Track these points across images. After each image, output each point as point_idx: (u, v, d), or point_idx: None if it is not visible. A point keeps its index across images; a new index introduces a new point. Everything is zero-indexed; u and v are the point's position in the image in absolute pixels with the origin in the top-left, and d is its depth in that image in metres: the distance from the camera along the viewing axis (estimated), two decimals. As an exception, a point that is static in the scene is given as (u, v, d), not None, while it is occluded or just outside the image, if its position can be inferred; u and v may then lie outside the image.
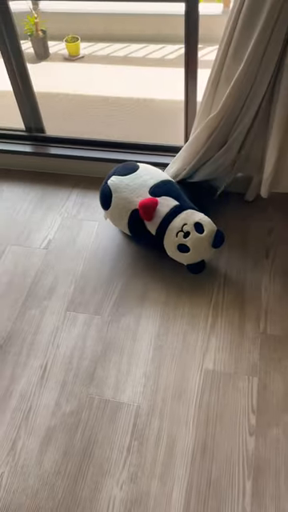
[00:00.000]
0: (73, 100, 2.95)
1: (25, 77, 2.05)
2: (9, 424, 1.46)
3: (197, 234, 1.66)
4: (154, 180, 1.77)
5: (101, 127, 2.68)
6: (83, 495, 1.31)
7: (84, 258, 1.92)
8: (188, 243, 1.67)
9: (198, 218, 1.69)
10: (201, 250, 1.68)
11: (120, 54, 3.39)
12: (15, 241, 2.01)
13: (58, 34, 3.44)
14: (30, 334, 1.69)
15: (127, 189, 1.75)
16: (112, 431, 1.42)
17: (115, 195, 1.77)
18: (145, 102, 2.86)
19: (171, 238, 1.70)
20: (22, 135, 2.28)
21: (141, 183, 1.76)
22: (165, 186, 1.77)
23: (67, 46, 3.34)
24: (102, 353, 1.61)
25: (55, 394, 1.52)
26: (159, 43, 3.43)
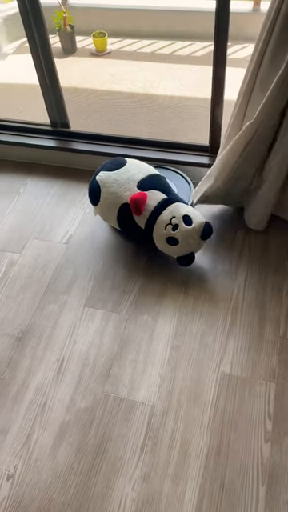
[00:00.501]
0: (98, 96, 2.95)
1: (52, 71, 2.05)
2: (24, 417, 1.47)
3: (185, 227, 1.67)
4: (141, 174, 1.79)
5: (126, 124, 2.68)
6: (95, 492, 1.31)
7: (104, 254, 1.92)
8: (177, 236, 1.68)
9: (185, 210, 1.71)
10: (190, 243, 1.70)
11: (147, 51, 3.37)
12: (37, 235, 2.02)
13: (85, 29, 3.45)
14: (48, 328, 1.70)
15: (115, 184, 1.76)
16: (126, 430, 1.42)
17: (103, 190, 1.79)
18: (171, 100, 2.83)
19: (160, 231, 1.71)
20: (47, 130, 2.29)
21: (128, 178, 1.77)
22: (152, 179, 1.78)
23: (94, 42, 3.34)
24: (118, 350, 1.61)
25: (70, 390, 1.52)
26: (187, 40, 3.40)
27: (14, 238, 2.01)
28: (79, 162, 2.30)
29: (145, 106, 2.82)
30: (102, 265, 1.88)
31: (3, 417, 1.47)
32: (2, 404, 1.50)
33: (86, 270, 1.87)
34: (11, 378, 1.56)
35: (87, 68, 3.25)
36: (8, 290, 1.82)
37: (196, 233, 1.69)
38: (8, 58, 3.47)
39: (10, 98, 2.98)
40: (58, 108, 2.19)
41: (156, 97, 2.88)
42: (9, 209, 2.15)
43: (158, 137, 2.28)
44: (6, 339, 1.67)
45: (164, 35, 3.47)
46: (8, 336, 1.68)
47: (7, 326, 1.71)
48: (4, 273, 1.88)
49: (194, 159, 2.12)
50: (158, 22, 3.52)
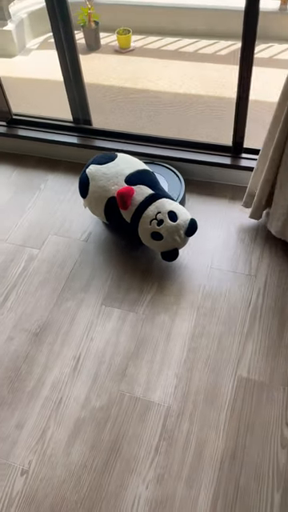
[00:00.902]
0: (120, 93, 2.94)
1: (76, 68, 2.05)
2: (39, 413, 1.47)
3: (170, 222, 1.68)
4: (130, 169, 1.79)
5: (147, 122, 2.67)
6: (109, 491, 1.31)
7: (123, 253, 1.92)
8: (161, 231, 1.69)
9: (171, 206, 1.72)
10: (174, 238, 1.71)
11: (171, 48, 3.35)
12: (56, 231, 2.03)
13: (109, 25, 3.44)
14: (66, 324, 1.70)
15: (104, 177, 1.78)
16: (141, 430, 1.41)
17: (92, 183, 1.80)
18: (193, 98, 2.81)
19: (145, 225, 1.72)
20: (69, 126, 2.29)
21: (117, 172, 1.78)
22: (140, 174, 1.79)
23: (118, 38, 3.33)
24: (135, 350, 1.60)
25: (86, 387, 1.52)
26: (211, 38, 3.36)
27: (34, 234, 2.02)
28: (100, 160, 2.29)
29: (167, 104, 2.80)
30: (121, 264, 1.88)
31: (19, 412, 1.48)
32: (18, 399, 1.51)
33: (104, 268, 1.87)
34: (28, 373, 1.57)
35: (110, 65, 3.24)
36: (26, 285, 1.83)
37: (180, 229, 1.70)
38: (32, 54, 3.48)
39: (33, 93, 2.99)
40: (80, 105, 2.19)
41: (178, 95, 2.86)
42: (29, 204, 2.16)
43: (179, 136, 2.26)
44: (23, 334, 1.68)
45: (188, 33, 3.45)
46: (26, 331, 1.69)
47: (25, 321, 1.72)
48: (23, 268, 1.89)
49: (217, 159, 2.10)
50: (183, 19, 3.50)
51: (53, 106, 2.80)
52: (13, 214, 2.12)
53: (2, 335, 1.68)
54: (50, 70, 3.22)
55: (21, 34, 3.51)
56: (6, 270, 1.89)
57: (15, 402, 1.50)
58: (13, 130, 2.35)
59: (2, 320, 1.72)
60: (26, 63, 3.38)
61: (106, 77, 3.10)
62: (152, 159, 2.15)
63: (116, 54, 3.35)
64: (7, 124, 2.36)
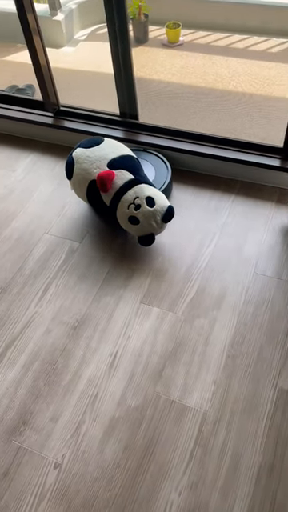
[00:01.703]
0: (166, 87, 2.90)
1: (128, 61, 2.02)
2: (75, 407, 1.47)
3: (147, 208, 1.73)
4: (113, 154, 1.84)
5: (193, 118, 2.62)
6: (140, 493, 1.29)
7: (163, 251, 1.89)
8: (138, 216, 1.74)
9: (150, 192, 1.76)
10: (150, 223, 1.75)
11: (220, 44, 3.28)
12: (97, 225, 2.02)
13: (159, 19, 3.40)
14: (104, 320, 1.69)
15: (87, 160, 1.83)
16: (176, 434, 1.39)
17: (76, 166, 1.85)
18: (242, 96, 2.74)
19: (123, 209, 1.77)
20: (115, 120, 2.27)
21: (101, 156, 1.83)
22: (123, 160, 1.84)
23: (167, 32, 3.28)
24: (172, 351, 1.58)
25: (122, 385, 1.51)
26: (263, 35, 3.27)
27: (75, 227, 2.02)
28: (145, 155, 2.27)
29: (214, 101, 2.74)
30: (161, 262, 1.85)
31: (55, 404, 1.48)
32: (54, 392, 1.51)
33: (143, 265, 1.85)
34: (64, 367, 1.57)
35: (157, 59, 3.20)
36: (66, 278, 1.83)
37: (157, 214, 1.75)
38: (79, 45, 3.48)
39: (79, 84, 2.99)
40: (129, 98, 2.17)
41: (226, 92, 2.80)
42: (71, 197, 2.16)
43: (224, 134, 2.21)
44: (61, 327, 1.68)
45: (239, 29, 3.36)
46: (64, 324, 1.69)
47: (64, 314, 1.72)
48: (64, 261, 1.90)
49: (264, 160, 2.03)
50: (233, 14, 3.42)
51: (97, 99, 2.79)
52: (55, 206, 2.12)
53: (40, 327, 1.68)
54: (97, 62, 3.21)
55: (69, 24, 3.52)
56: (46, 261, 1.90)
57: (51, 395, 1.50)
58: (59, 121, 2.35)
59: (41, 312, 1.73)
60: (73, 54, 3.38)
61: (153, 71, 3.06)
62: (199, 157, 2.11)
63: (164, 48, 3.30)
64: (54, 115, 2.36)
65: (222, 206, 2.03)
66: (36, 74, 2.19)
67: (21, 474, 1.35)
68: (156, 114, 2.67)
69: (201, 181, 2.16)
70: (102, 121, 2.30)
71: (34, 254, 1.93)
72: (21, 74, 3.14)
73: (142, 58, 3.23)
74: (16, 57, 3.37)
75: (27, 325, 1.70)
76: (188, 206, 2.06)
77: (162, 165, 2.11)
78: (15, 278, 1.84)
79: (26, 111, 2.41)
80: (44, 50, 2.12)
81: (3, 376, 1.56)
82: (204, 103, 2.73)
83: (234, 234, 1.92)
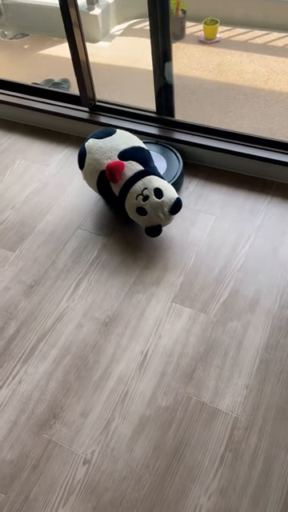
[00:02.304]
0: (202, 85, 2.87)
1: (168, 57, 2.00)
2: (105, 403, 1.47)
3: (155, 199, 1.75)
4: (125, 145, 1.86)
5: (228, 116, 2.58)
6: (169, 495, 1.28)
7: (196, 251, 1.87)
8: (146, 207, 1.76)
9: (158, 184, 1.78)
10: (157, 214, 1.77)
11: (259, 42, 3.22)
12: (130, 221, 2.01)
13: (196, 15, 3.36)
14: (135, 318, 1.68)
15: (99, 151, 1.85)
16: (206, 437, 1.37)
17: (88, 156, 1.88)
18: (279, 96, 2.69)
19: (132, 200, 1.79)
20: (151, 116, 2.26)
21: (112, 146, 1.85)
22: (134, 151, 1.86)
23: (205, 29, 3.24)
24: (204, 353, 1.56)
25: (152, 385, 1.50)
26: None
27: (109, 223, 2.02)
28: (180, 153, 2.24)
29: (250, 99, 2.70)
30: (194, 261, 1.83)
31: (85, 400, 1.48)
32: (85, 387, 1.51)
33: (176, 264, 1.83)
34: (95, 363, 1.57)
35: (193, 55, 3.17)
36: (98, 274, 1.83)
37: (165, 206, 1.76)
38: (114, 40, 3.47)
39: (113, 80, 2.98)
40: (166, 95, 2.15)
41: (263, 91, 2.74)
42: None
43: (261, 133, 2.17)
44: (93, 323, 1.68)
45: (277, 27, 3.29)
46: (95, 320, 1.69)
47: (95, 309, 1.72)
48: (96, 256, 1.89)
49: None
50: (272, 12, 3.35)
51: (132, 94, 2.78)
52: (88, 201, 2.12)
53: (72, 322, 1.69)
54: (133, 57, 3.20)
55: (106, 19, 3.51)
56: (79, 256, 1.90)
57: (81, 390, 1.51)
58: (94, 116, 2.34)
59: (73, 307, 1.73)
60: (108, 49, 3.38)
61: (189, 67, 3.03)
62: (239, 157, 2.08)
63: (200, 45, 3.26)
64: (90, 110, 2.36)
65: (258, 208, 2.00)
66: (75, 68, 2.19)
67: (50, 467, 1.35)
68: (190, 111, 2.64)
69: (235, 180, 2.13)
70: (137, 117, 2.28)
71: (67, 248, 1.93)
72: (56, 68, 3.15)
73: (178, 54, 3.19)
74: (52, 50, 3.39)
75: (59, 319, 1.70)
76: (222, 205, 2.03)
77: (174, 158, 2.12)
78: (48, 272, 1.85)
79: (62, 105, 2.41)
80: (84, 45, 2.11)
81: (34, 369, 1.57)
82: (240, 101, 2.68)
83: (269, 236, 1.88)
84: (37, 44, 3.47)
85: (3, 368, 1.58)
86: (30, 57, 3.36)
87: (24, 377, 1.55)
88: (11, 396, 1.51)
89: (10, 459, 1.38)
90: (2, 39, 3.56)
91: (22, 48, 3.45)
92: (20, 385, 1.53)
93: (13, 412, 1.47)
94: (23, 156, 2.36)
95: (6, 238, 1.99)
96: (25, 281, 1.83)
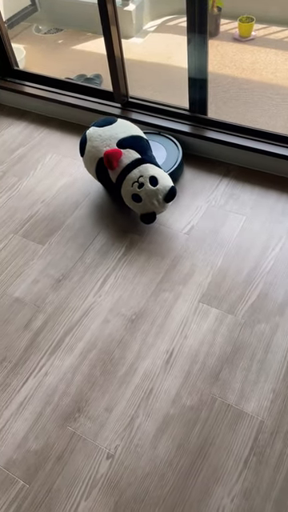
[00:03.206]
0: (235, 83, 2.83)
1: (203, 54, 1.98)
2: (129, 400, 1.48)
3: (150, 187, 1.80)
4: (124, 134, 1.91)
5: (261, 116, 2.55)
6: (192, 495, 1.28)
7: (225, 251, 1.85)
8: (141, 194, 1.81)
9: (154, 172, 1.83)
10: (152, 202, 1.82)
11: (295, 40, 3.16)
12: (158, 220, 2.01)
13: (231, 12, 3.32)
14: (161, 316, 1.68)
15: (99, 139, 1.91)
16: (231, 439, 1.36)
17: (88, 143, 1.94)
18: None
19: (128, 187, 1.84)
20: (184, 114, 2.24)
21: (111, 135, 1.91)
22: (132, 139, 1.91)
23: (240, 26, 3.19)
24: (230, 354, 1.55)
25: (177, 383, 1.50)
26: None
27: (137, 220, 2.01)
28: (211, 152, 2.23)
29: (285, 99, 2.65)
30: (222, 262, 1.82)
31: (110, 395, 1.49)
32: (110, 382, 1.52)
33: (204, 264, 1.82)
34: (120, 358, 1.58)
35: (227, 53, 3.13)
36: (125, 270, 1.84)
37: (159, 194, 1.81)
38: (148, 36, 3.46)
39: (146, 76, 2.98)
40: (200, 93, 2.13)
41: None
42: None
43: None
44: (119, 319, 1.69)
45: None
46: (121, 316, 1.69)
47: (122, 306, 1.72)
48: (123, 253, 1.90)
49: None
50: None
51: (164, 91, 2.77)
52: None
53: (98, 317, 1.70)
54: (166, 54, 3.18)
55: (139, 15, 3.50)
56: (106, 252, 1.91)
57: (106, 385, 1.52)
58: (127, 112, 2.34)
59: (99, 302, 1.74)
60: (141, 45, 3.37)
61: (222, 65, 3.00)
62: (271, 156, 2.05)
63: (234, 43, 3.22)
64: (122, 106, 2.36)
65: (290, 209, 1.97)
66: (109, 64, 2.19)
67: (74, 459, 1.37)
68: (223, 109, 2.62)
69: (267, 181, 2.10)
70: (169, 114, 2.27)
71: (95, 243, 1.94)
72: (89, 63, 3.16)
73: (212, 52, 3.16)
74: (85, 46, 3.40)
75: (85, 314, 1.71)
76: (253, 206, 2.01)
77: (174, 148, 2.17)
78: (76, 266, 1.87)
79: (95, 101, 2.42)
80: (120, 42, 2.12)
81: (61, 362, 1.59)
82: (274, 101, 2.64)
83: (300, 239, 1.85)
84: (70, 39, 3.49)
85: (30, 360, 1.60)
86: (63, 52, 3.38)
87: (50, 369, 1.57)
88: (37, 388, 1.53)
89: (34, 449, 1.40)
90: (36, 34, 3.59)
91: (55, 43, 3.48)
92: (46, 377, 1.55)
93: (38, 403, 1.49)
94: (55, 150, 2.38)
95: (35, 231, 2.01)
96: (53, 274, 1.85)
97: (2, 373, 1.57)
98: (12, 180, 2.25)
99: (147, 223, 1.89)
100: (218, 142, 2.16)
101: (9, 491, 1.33)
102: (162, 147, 2.17)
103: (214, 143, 2.18)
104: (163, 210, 1.88)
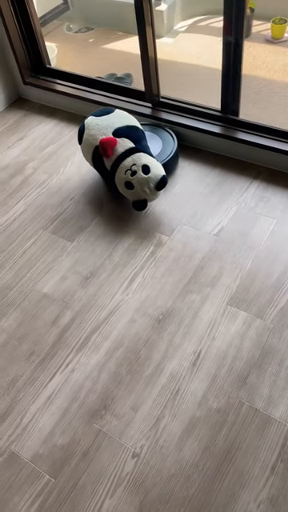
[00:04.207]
0: (267, 84, 2.80)
1: (238, 55, 1.97)
2: (155, 400, 1.47)
3: (142, 175, 1.86)
4: (120, 124, 1.98)
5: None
6: (217, 498, 1.27)
7: (254, 254, 1.83)
8: (133, 181, 1.87)
9: (146, 160, 1.89)
10: (143, 189, 1.88)
11: None
12: (187, 221, 2.00)
13: (263, 13, 3.28)
14: (188, 317, 1.67)
15: (96, 127, 1.98)
16: (258, 444, 1.35)
17: (86, 132, 2.01)
18: None
19: (121, 174, 1.91)
20: (214, 115, 2.23)
21: (108, 124, 1.97)
22: (128, 129, 1.97)
23: (272, 28, 3.16)
24: (259, 359, 1.53)
25: (204, 385, 1.49)
26: None
27: (165, 220, 2.01)
28: (242, 154, 2.21)
29: None
30: (251, 265, 1.80)
31: (136, 394, 1.49)
32: (136, 381, 1.52)
33: (233, 266, 1.80)
34: (147, 358, 1.58)
35: (259, 54, 3.10)
36: (153, 270, 1.84)
37: (151, 182, 1.87)
38: (178, 36, 3.45)
39: (176, 76, 2.97)
40: (233, 93, 2.12)
41: None
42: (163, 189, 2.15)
43: None
44: (146, 318, 1.69)
45: None
46: (148, 316, 1.69)
47: (149, 305, 1.72)
48: (151, 252, 1.90)
49: None
50: None
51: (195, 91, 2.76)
52: (147, 196, 2.12)
53: (125, 316, 1.70)
54: (196, 55, 3.17)
55: (171, 15, 3.49)
56: (135, 251, 1.91)
57: (132, 384, 1.52)
58: (157, 112, 2.34)
59: (127, 300, 1.75)
60: (171, 45, 3.36)
61: (254, 66, 2.97)
62: None
63: (267, 44, 3.19)
64: (153, 106, 2.36)
65: None
66: (142, 64, 2.20)
67: (100, 457, 1.37)
68: (254, 111, 2.59)
69: (299, 185, 2.07)
70: (200, 115, 2.26)
71: (124, 242, 1.95)
72: (119, 63, 3.17)
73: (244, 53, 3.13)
74: (116, 45, 3.41)
75: (113, 312, 1.72)
76: (283, 208, 1.98)
77: (170, 139, 2.23)
78: (104, 264, 1.87)
79: (125, 100, 2.43)
80: (154, 42, 2.12)
81: (87, 359, 1.59)
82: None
83: None
84: (101, 38, 3.51)
85: (57, 355, 1.61)
86: (93, 51, 3.40)
87: (77, 366, 1.58)
88: (64, 383, 1.54)
89: (61, 444, 1.41)
90: (67, 32, 3.62)
91: (86, 42, 3.50)
92: (73, 373, 1.56)
93: (65, 399, 1.50)
94: (84, 148, 2.39)
95: (64, 228, 2.03)
96: (81, 271, 1.86)
97: (29, 367, 1.59)
98: (42, 177, 2.27)
99: (139, 210, 1.95)
100: (249, 143, 2.14)
101: (35, 485, 1.34)
102: (158, 138, 2.24)
103: (244, 145, 2.16)
104: (155, 198, 1.95)
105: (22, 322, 1.72)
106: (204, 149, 2.31)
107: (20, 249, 1.96)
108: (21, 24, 2.44)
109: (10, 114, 2.67)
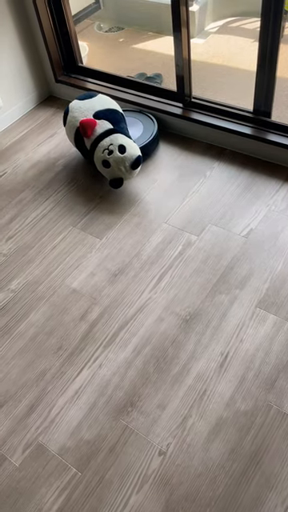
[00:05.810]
0: (298, 88, 2.77)
1: (274, 56, 1.95)
2: (182, 399, 1.48)
3: (118, 154, 1.99)
4: (101, 107, 2.12)
5: None
6: (243, 500, 1.27)
7: (285, 257, 1.82)
8: (110, 160, 2.00)
9: (123, 141, 2.02)
10: (119, 168, 2.00)
11: None
12: (216, 221, 2.00)
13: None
14: (216, 318, 1.67)
15: (78, 110, 2.12)
16: (286, 448, 1.34)
17: (69, 114, 2.16)
18: None
19: (99, 154, 2.03)
20: (246, 116, 2.22)
21: (89, 107, 2.11)
22: (108, 112, 2.11)
23: (305, 29, 3.12)
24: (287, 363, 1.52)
25: (232, 387, 1.48)
26: None
27: (194, 220, 2.01)
28: (272, 156, 2.19)
29: None
30: (282, 268, 1.78)
31: (163, 393, 1.50)
32: (163, 380, 1.53)
33: (262, 269, 1.79)
34: (174, 358, 1.58)
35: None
36: (181, 269, 1.84)
37: (126, 161, 1.99)
38: (209, 37, 3.44)
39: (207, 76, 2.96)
40: (266, 95, 2.10)
41: None
42: (193, 189, 2.15)
43: None
44: (173, 318, 1.69)
45: None
46: (176, 315, 1.69)
47: (176, 305, 1.73)
48: (180, 252, 1.90)
49: None
50: None
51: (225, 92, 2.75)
52: (175, 196, 2.13)
53: (153, 314, 1.71)
54: (227, 56, 3.16)
55: (202, 16, 3.49)
56: (163, 250, 1.91)
57: (159, 382, 1.52)
58: (188, 112, 2.34)
59: (155, 299, 1.75)
60: (202, 46, 3.35)
61: (286, 69, 2.94)
62: None
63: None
64: (184, 106, 2.36)
65: None
66: (176, 64, 2.20)
67: (126, 452, 1.38)
68: (285, 114, 2.57)
69: None
70: (231, 116, 2.25)
71: (152, 241, 1.96)
72: (149, 63, 3.18)
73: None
74: (146, 45, 3.42)
75: (140, 309, 1.73)
76: (314, 213, 1.96)
77: (151, 123, 2.36)
78: (132, 262, 1.88)
79: (156, 99, 2.43)
80: (188, 42, 2.11)
81: (115, 355, 1.61)
82: None
83: None
84: (131, 38, 3.52)
85: (85, 350, 1.63)
86: (124, 50, 3.42)
87: (104, 362, 1.59)
88: (91, 379, 1.56)
89: (87, 439, 1.42)
90: (98, 32, 3.65)
91: (116, 41, 3.52)
92: (100, 369, 1.58)
93: (92, 394, 1.52)
94: (114, 147, 2.41)
95: (93, 225, 2.05)
96: (109, 268, 1.87)
97: (58, 361, 1.61)
98: (72, 174, 2.29)
99: (115, 188, 2.06)
100: (281, 145, 2.12)
101: (62, 477, 1.35)
102: (139, 122, 2.36)
103: (276, 147, 2.15)
104: (130, 177, 2.06)
105: (51, 316, 1.74)
106: (235, 150, 2.30)
107: (49, 244, 1.99)
108: (55, 23, 2.47)
109: (40, 112, 2.70)
